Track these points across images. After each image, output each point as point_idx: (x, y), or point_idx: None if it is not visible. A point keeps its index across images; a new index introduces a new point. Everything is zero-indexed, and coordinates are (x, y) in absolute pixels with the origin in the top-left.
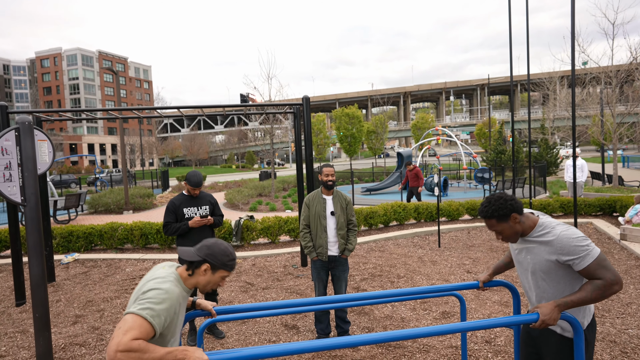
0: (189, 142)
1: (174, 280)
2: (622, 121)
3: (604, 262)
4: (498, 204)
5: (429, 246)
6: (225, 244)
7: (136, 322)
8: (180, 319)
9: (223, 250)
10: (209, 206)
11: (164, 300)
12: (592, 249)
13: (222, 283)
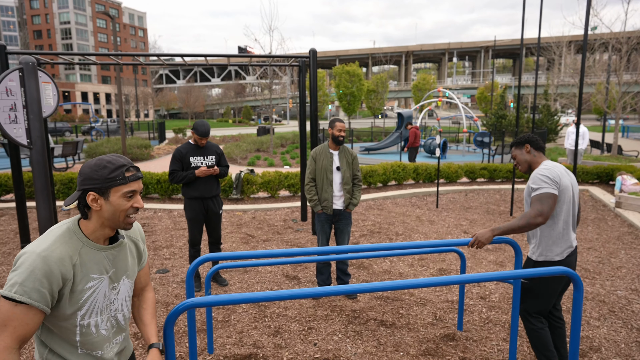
0: (185, 95)
1: (58, 236)
2: (627, 90)
3: (544, 199)
4: (520, 135)
5: (427, 206)
6: (96, 159)
7: (7, 308)
8: (92, 283)
9: (95, 165)
10: (215, 156)
11: (35, 264)
12: (546, 187)
13: (135, 203)
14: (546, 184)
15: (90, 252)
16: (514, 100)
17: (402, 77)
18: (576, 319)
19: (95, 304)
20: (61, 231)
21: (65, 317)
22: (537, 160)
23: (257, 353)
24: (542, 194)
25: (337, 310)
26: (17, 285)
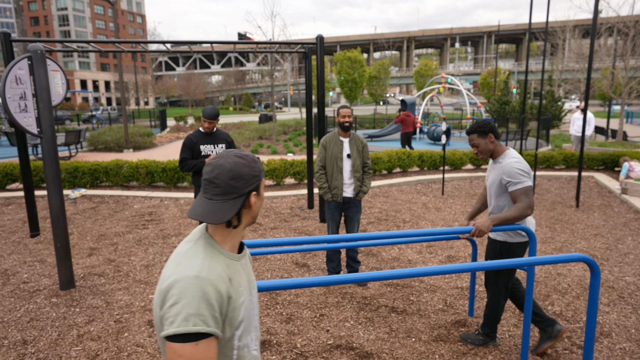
0: (185, 82)
1: (202, 252)
2: (633, 75)
3: (527, 193)
4: (482, 123)
5: (432, 193)
6: (234, 157)
7: (189, 350)
8: (243, 298)
9: (247, 162)
10: (226, 144)
11: (199, 288)
12: (525, 180)
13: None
14: (525, 177)
15: (232, 264)
16: (518, 87)
17: (403, 63)
18: (593, 304)
19: (249, 322)
20: (202, 247)
21: (223, 342)
22: (499, 149)
23: (271, 340)
24: (527, 187)
25: (348, 297)
26: (192, 316)
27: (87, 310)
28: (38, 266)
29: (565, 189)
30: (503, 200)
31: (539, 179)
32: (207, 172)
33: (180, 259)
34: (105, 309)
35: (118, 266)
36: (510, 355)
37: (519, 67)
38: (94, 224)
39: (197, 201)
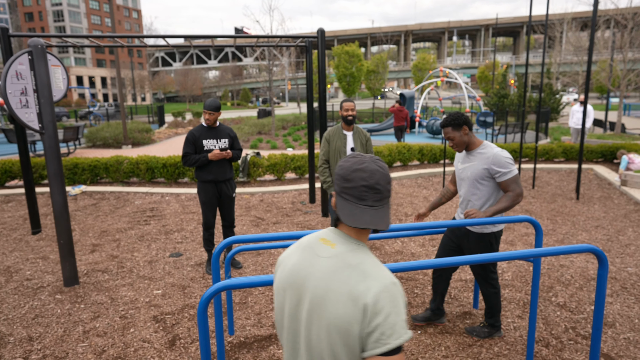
0: (182, 77)
1: (376, 258)
2: (632, 67)
3: (517, 181)
4: (456, 116)
5: (433, 187)
6: (375, 162)
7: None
8: None
9: (386, 167)
10: (228, 139)
11: (402, 295)
12: (514, 168)
13: None
14: (513, 166)
15: None
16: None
17: (401, 57)
18: (600, 295)
19: None
20: (369, 253)
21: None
22: (474, 140)
23: (275, 333)
24: (516, 175)
25: None
26: (405, 324)
27: (92, 307)
28: (41, 263)
29: (565, 181)
30: (484, 190)
31: (539, 171)
32: (364, 178)
33: (365, 269)
34: (110, 305)
35: (121, 262)
36: (515, 346)
37: (517, 61)
38: (95, 221)
39: (353, 209)
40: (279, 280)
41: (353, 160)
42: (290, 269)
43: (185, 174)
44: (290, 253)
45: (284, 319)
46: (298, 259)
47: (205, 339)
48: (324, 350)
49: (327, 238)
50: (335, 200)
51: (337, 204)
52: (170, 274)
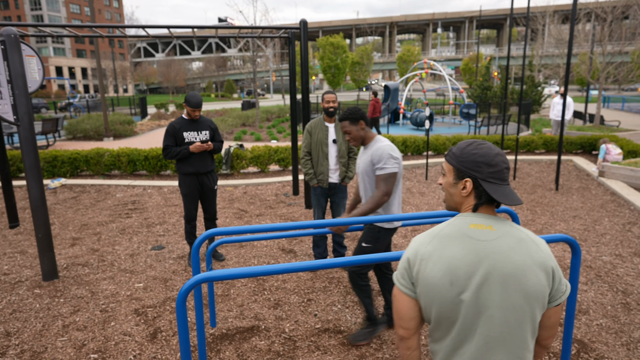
0: (165, 69)
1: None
2: (610, 60)
3: (389, 179)
4: (353, 110)
5: (416, 178)
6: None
7: None
8: None
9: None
10: (209, 131)
11: None
12: (392, 166)
13: None
14: (393, 164)
15: None
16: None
17: (386, 49)
18: (574, 282)
19: None
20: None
21: None
22: (369, 135)
23: (259, 325)
24: (390, 173)
25: (335, 281)
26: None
27: (72, 301)
28: (19, 257)
29: (545, 172)
30: (373, 184)
31: (520, 162)
32: (504, 161)
33: (532, 238)
34: (91, 298)
35: (102, 256)
36: None
37: (500, 53)
38: (75, 214)
39: (504, 190)
40: (440, 274)
41: (486, 145)
42: (454, 260)
43: (167, 167)
44: (435, 247)
45: (459, 309)
46: (460, 249)
47: (184, 330)
48: (524, 317)
49: (478, 223)
50: (475, 186)
51: (487, 189)
52: (152, 267)
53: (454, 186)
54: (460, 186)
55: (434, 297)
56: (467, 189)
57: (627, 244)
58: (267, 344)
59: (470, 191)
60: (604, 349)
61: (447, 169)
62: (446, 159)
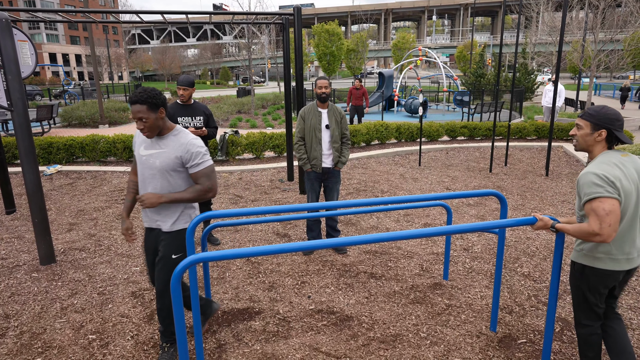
0: (160, 56)
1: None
2: (602, 48)
3: (210, 174)
4: (154, 93)
5: (410, 165)
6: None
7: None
8: None
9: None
10: (203, 117)
11: None
12: (207, 160)
13: None
14: (208, 156)
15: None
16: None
17: (381, 36)
18: (557, 263)
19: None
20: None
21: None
22: (169, 125)
23: (254, 307)
24: (209, 168)
25: (328, 265)
26: None
27: (70, 284)
28: (16, 242)
29: (536, 158)
30: (176, 180)
31: (512, 149)
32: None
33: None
34: (88, 282)
35: (99, 240)
36: (481, 313)
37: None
38: (72, 200)
39: (624, 136)
40: (627, 188)
41: (612, 109)
42: (628, 179)
43: None
44: (616, 174)
45: (636, 203)
46: (624, 173)
47: (179, 310)
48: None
49: (622, 155)
50: (607, 135)
51: (619, 137)
52: None
53: (590, 135)
54: (596, 135)
55: (629, 200)
56: (602, 136)
57: None
58: (262, 325)
59: (604, 137)
60: None
61: (584, 124)
62: (583, 118)
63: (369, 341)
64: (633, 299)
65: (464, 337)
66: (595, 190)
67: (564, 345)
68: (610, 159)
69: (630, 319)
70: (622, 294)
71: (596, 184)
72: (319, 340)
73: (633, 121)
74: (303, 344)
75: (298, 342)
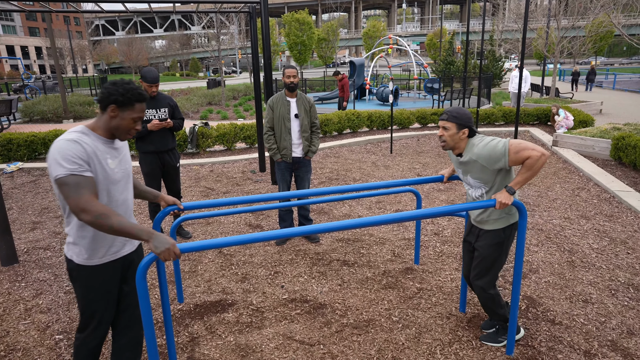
0: (126, 47)
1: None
2: (564, 35)
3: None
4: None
5: (382, 152)
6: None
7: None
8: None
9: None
10: (168, 109)
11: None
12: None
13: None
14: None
15: None
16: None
17: (352, 25)
18: (520, 244)
19: None
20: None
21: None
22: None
23: (227, 299)
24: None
25: (301, 254)
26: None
27: (34, 284)
28: None
29: None
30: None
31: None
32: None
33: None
34: (54, 281)
35: (64, 238)
36: (451, 295)
37: (463, 28)
38: (35, 198)
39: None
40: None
41: (465, 109)
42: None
43: (131, 147)
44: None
45: None
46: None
47: (146, 304)
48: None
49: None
50: (470, 130)
51: (475, 130)
52: None
53: (457, 134)
54: (461, 133)
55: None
56: (466, 134)
57: (575, 207)
58: (235, 316)
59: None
60: (550, 303)
61: (450, 126)
62: (449, 120)
63: (343, 327)
64: (593, 275)
65: (435, 319)
66: (498, 142)
67: (529, 322)
68: (477, 135)
69: (590, 294)
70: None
71: (495, 139)
72: (292, 329)
73: (594, 105)
74: (277, 334)
75: (272, 332)
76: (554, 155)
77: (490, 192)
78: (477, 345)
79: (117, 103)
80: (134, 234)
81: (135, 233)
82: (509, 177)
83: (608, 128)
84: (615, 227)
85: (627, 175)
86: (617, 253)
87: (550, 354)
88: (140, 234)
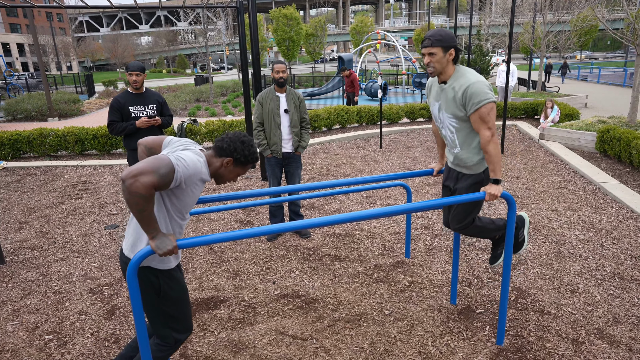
0: (112, 44)
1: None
2: (550, 29)
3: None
4: None
5: (371, 147)
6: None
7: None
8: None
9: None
10: (157, 105)
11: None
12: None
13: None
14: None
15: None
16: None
17: (340, 20)
18: (509, 236)
19: None
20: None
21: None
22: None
23: (219, 295)
24: None
25: (292, 249)
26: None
27: (22, 285)
28: None
29: None
30: None
31: None
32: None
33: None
34: (42, 281)
35: (52, 238)
36: (442, 288)
37: (451, 23)
38: (20, 197)
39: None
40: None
41: (443, 29)
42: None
43: (118, 145)
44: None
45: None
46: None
47: (137, 302)
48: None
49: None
50: (456, 52)
51: (460, 50)
52: (106, 246)
53: (444, 57)
54: (448, 55)
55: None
56: (453, 55)
57: (562, 199)
58: (227, 313)
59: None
60: (538, 293)
61: (437, 50)
62: (434, 45)
63: (335, 322)
64: (580, 265)
65: (426, 312)
66: (486, 96)
67: (518, 312)
68: (472, 71)
69: (577, 283)
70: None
71: (486, 92)
72: (285, 324)
73: (580, 98)
74: (269, 329)
75: (264, 327)
76: (541, 149)
77: (460, 134)
78: (468, 336)
79: (236, 160)
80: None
81: (153, 226)
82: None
83: (593, 121)
84: (601, 218)
85: (612, 167)
86: (603, 243)
87: (539, 343)
88: (154, 231)
